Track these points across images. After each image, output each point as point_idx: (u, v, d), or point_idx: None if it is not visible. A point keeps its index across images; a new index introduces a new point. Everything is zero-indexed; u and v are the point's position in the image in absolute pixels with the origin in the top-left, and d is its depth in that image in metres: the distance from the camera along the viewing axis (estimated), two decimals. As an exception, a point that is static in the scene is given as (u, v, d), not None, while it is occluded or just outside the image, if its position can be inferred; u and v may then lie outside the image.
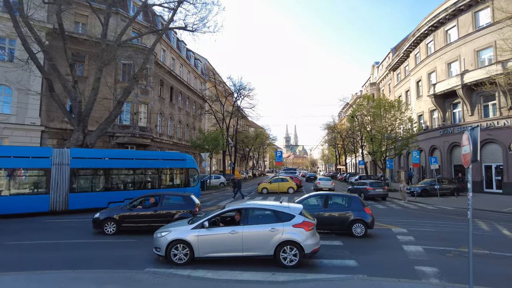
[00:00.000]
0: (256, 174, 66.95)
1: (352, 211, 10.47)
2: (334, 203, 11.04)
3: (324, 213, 10.63)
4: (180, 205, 11.11)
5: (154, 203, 11.07)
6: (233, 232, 7.22)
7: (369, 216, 10.40)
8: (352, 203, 10.70)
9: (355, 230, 10.30)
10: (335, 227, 10.66)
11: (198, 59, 49.08)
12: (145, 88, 29.60)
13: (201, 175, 33.97)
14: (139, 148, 30.18)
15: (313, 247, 7.17)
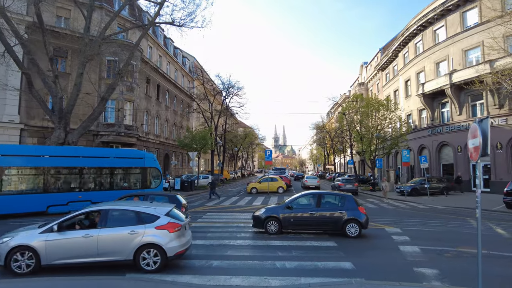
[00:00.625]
0: (245, 174, 66.46)
1: (346, 211, 10.09)
2: (327, 202, 10.64)
3: (317, 212, 10.23)
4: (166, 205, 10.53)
5: None
6: (87, 235, 6.53)
7: (363, 216, 10.04)
8: (346, 202, 10.32)
9: (349, 230, 9.92)
10: (328, 227, 10.28)
11: (186, 57, 48.28)
12: (130, 85, 28.74)
13: (189, 175, 33.32)
14: (125, 147, 29.30)
15: (178, 249, 6.74)
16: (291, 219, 10.29)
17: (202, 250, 8.47)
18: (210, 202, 19.86)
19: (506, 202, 16.24)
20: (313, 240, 9.62)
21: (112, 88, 19.84)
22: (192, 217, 13.48)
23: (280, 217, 10.31)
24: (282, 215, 10.33)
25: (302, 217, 10.29)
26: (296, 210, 10.40)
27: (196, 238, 9.91)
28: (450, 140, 27.17)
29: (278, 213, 10.38)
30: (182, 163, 43.94)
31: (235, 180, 48.77)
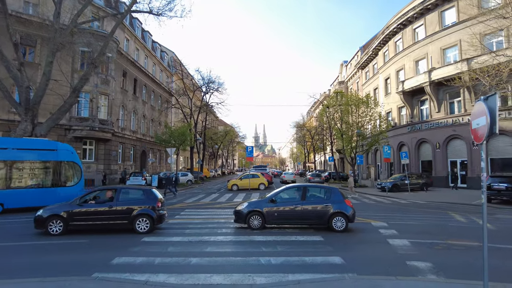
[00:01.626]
0: (226, 172, 65.62)
1: (332, 204, 9.68)
2: (312, 195, 10.20)
3: (302, 206, 9.76)
4: (140, 200, 9.76)
5: (110, 198, 9.68)
6: None
7: (350, 209, 9.67)
8: (332, 195, 9.92)
9: (335, 224, 9.51)
10: (313, 221, 9.84)
11: (165, 52, 46.92)
12: (105, 78, 27.43)
13: (167, 172, 32.23)
14: (99, 142, 28.00)
15: None
16: (275, 213, 9.79)
17: (179, 247, 7.80)
18: (188, 200, 19.06)
19: (484, 196, 16.39)
20: (298, 234, 9.14)
21: (85, 78, 18.66)
22: (169, 214, 12.73)
23: (263, 211, 9.79)
24: (265, 209, 9.81)
25: (286, 211, 9.82)
26: (280, 204, 9.92)
27: (173, 234, 9.26)
28: (429, 137, 27.54)
29: (261, 207, 9.86)
30: (160, 161, 42.67)
31: (215, 178, 47.90)
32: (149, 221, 9.47)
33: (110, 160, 29.21)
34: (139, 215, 9.44)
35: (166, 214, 10.22)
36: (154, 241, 8.46)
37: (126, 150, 32.81)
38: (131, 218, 9.42)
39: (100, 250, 7.60)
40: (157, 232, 9.64)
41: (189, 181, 31.53)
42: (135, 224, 9.42)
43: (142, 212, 9.47)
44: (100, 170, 27.93)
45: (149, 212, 9.50)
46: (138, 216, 9.44)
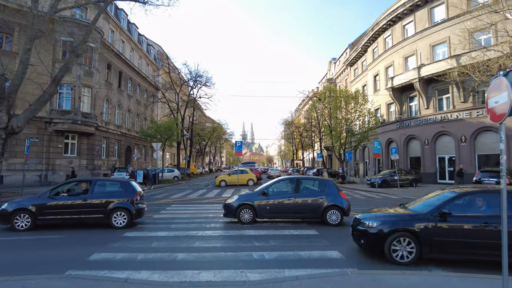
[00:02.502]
0: (213, 170, 64.86)
1: (326, 196, 9.30)
2: (305, 187, 9.82)
3: (295, 199, 9.32)
4: (117, 193, 9.09)
5: (85, 191, 9.00)
6: None
7: (345, 202, 9.29)
8: (326, 188, 9.54)
9: (330, 218, 9.11)
10: (307, 215, 9.43)
11: (151, 45, 45.79)
12: (89, 70, 26.36)
13: (153, 168, 31.37)
14: (82, 137, 26.94)
15: None
16: (267, 207, 9.33)
17: (164, 242, 7.24)
18: (175, 195, 18.40)
19: (475, 191, 16.35)
20: (292, 228, 8.69)
21: (66, 67, 17.68)
22: (154, 209, 12.14)
23: (254, 204, 9.32)
24: (257, 202, 9.34)
25: (278, 204, 9.37)
26: (272, 197, 9.46)
27: (157, 229, 8.67)
28: (417, 134, 27.58)
29: (252, 200, 9.39)
30: (146, 157, 41.64)
31: (202, 175, 47.16)
32: (127, 215, 8.85)
33: (94, 155, 28.19)
34: (116, 208, 8.81)
35: (145, 208, 9.64)
36: (136, 236, 7.87)
37: (110, 145, 31.77)
38: (107, 212, 8.77)
39: (77, 246, 6.97)
40: (140, 227, 9.03)
41: (175, 178, 30.76)
42: (111, 219, 8.78)
43: (119, 206, 8.84)
44: (83, 165, 26.91)
45: (126, 205, 8.88)
46: (114, 210, 8.80)
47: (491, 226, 5.34)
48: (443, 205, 5.76)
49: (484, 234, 5.38)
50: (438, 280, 4.62)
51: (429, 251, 5.53)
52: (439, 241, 5.51)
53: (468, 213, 5.73)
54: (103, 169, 29.29)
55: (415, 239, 5.56)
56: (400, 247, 5.60)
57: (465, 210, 5.77)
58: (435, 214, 5.67)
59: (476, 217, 5.61)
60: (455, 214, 5.63)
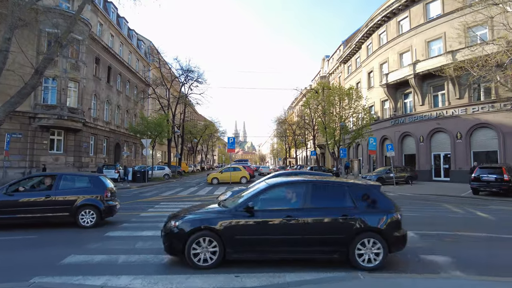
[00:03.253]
0: (205, 168, 64.01)
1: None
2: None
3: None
4: (85, 189, 8.28)
5: (49, 186, 8.17)
6: None
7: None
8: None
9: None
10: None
11: (142, 40, 44.73)
12: (75, 63, 25.34)
13: (143, 165, 30.52)
14: (68, 133, 25.93)
15: None
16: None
17: (150, 243, 6.58)
18: (165, 193, 17.66)
19: (473, 188, 16.03)
20: None
21: (50, 58, 16.74)
22: (142, 207, 11.48)
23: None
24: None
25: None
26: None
27: (144, 228, 7.97)
28: (412, 131, 27.27)
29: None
30: (136, 154, 40.63)
31: (194, 173, 46.33)
32: (96, 214, 8.06)
33: (81, 152, 27.19)
34: (83, 206, 8.01)
35: (118, 206, 8.82)
36: (120, 236, 7.17)
37: (99, 142, 30.78)
38: (74, 210, 7.95)
39: (50, 248, 6.25)
40: (125, 226, 8.32)
41: (166, 175, 29.94)
42: (78, 217, 7.97)
43: (87, 203, 8.03)
44: (69, 163, 25.92)
45: (95, 202, 8.08)
46: (81, 208, 8.00)
47: (294, 220, 4.91)
48: (249, 199, 5.15)
49: (287, 229, 4.92)
50: (460, 283, 4.05)
51: (232, 251, 4.87)
52: (242, 240, 4.91)
53: (273, 207, 5.21)
54: (91, 167, 28.31)
55: (218, 238, 4.87)
56: (202, 249, 4.82)
57: (270, 204, 5.24)
58: (241, 209, 5.01)
59: (280, 211, 5.08)
60: (261, 209, 5.05)
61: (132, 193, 17.45)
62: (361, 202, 5.21)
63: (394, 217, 5.10)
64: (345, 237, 4.85)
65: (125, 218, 9.40)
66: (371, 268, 4.76)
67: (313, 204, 5.13)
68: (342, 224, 4.91)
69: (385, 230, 4.94)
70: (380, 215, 5.08)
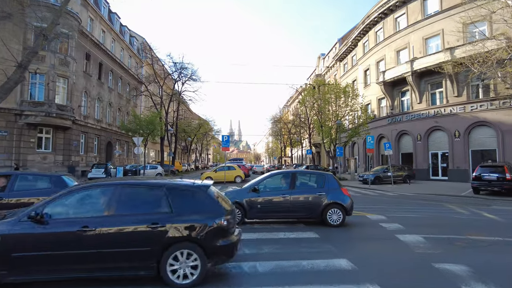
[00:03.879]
0: (199, 167, 63.18)
1: (326, 193, 8.16)
2: (302, 183, 8.69)
3: (290, 196, 8.18)
4: (45, 190, 7.26)
5: (2, 188, 7.24)
6: None
7: (348, 199, 8.19)
8: (326, 183, 8.40)
9: (331, 218, 7.97)
10: (304, 214, 8.30)
11: (134, 37, 43.81)
12: (64, 59, 24.49)
13: (135, 165, 29.78)
14: (58, 131, 25.11)
15: None
16: (258, 205, 8.15)
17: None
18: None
19: (474, 187, 15.62)
20: (287, 230, 7.49)
21: (34, 52, 15.87)
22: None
23: (243, 202, 8.12)
24: (246, 200, 8.15)
25: (272, 202, 8.24)
26: (264, 194, 8.32)
27: None
28: (409, 129, 26.87)
29: (241, 198, 8.18)
30: (128, 153, 39.76)
31: (188, 172, 45.50)
32: None
33: (71, 151, 26.37)
34: None
35: None
36: None
37: (89, 141, 29.94)
38: None
39: None
40: None
41: (158, 175, 29.16)
42: None
43: None
44: (58, 161, 25.10)
45: None
46: None
47: (91, 231, 4.01)
48: (40, 207, 4.19)
49: (83, 242, 3.99)
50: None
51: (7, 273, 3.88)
52: (24, 257, 3.95)
53: (69, 216, 4.27)
54: (82, 166, 27.50)
55: None
56: None
57: (66, 212, 4.30)
58: (25, 218, 4.05)
59: (74, 221, 4.14)
60: (54, 218, 4.12)
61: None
62: (180, 206, 4.34)
63: (218, 223, 4.30)
64: (153, 250, 4.06)
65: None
66: (187, 285, 4.07)
67: (120, 211, 4.23)
68: (151, 234, 4.08)
69: (204, 239, 4.18)
70: (200, 221, 4.26)
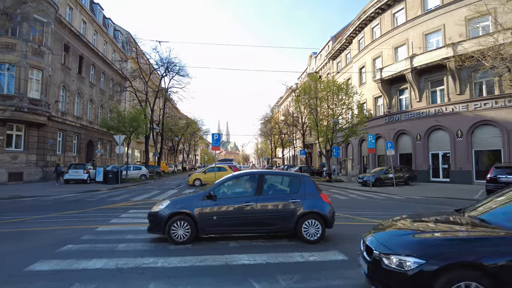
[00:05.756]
0: (187, 168, 61.07)
1: (302, 200, 6.49)
2: (272, 186, 6.96)
3: (256, 204, 6.38)
4: None
5: None
6: None
7: (328, 207, 6.56)
8: (301, 187, 6.67)
9: (307, 231, 6.34)
10: (273, 227, 6.47)
11: (119, 31, 41.60)
12: (38, 49, 22.33)
13: (117, 165, 27.68)
14: (31, 128, 22.90)
15: None
16: (214, 216, 6.29)
17: (94, 285, 4.18)
18: (138, 197, 15.12)
19: (488, 189, 14.34)
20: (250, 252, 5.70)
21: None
22: (103, 217, 9.04)
23: (195, 213, 6.26)
24: (198, 210, 6.28)
25: (232, 212, 6.35)
26: (222, 201, 6.43)
27: (93, 255, 5.43)
28: (409, 129, 25.69)
29: (191, 208, 6.31)
30: (111, 153, 37.49)
31: (175, 174, 43.48)
32: None
33: (46, 150, 24.16)
34: None
35: None
36: (50, 271, 4.68)
37: (68, 139, 27.70)
38: None
39: None
40: (66, 250, 5.81)
41: (142, 176, 27.16)
42: None
43: None
44: (32, 162, 22.87)
45: None
46: None
47: None
48: None
49: None
50: None
51: None
52: None
53: None
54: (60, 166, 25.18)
55: None
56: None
57: None
58: None
59: None
60: None
61: (99, 197, 14.83)
62: None
63: None
64: None
65: (74, 234, 6.95)
66: None
67: None
68: None
69: None
70: None
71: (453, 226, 3.77)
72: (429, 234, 3.49)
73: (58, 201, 13.45)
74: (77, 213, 10.20)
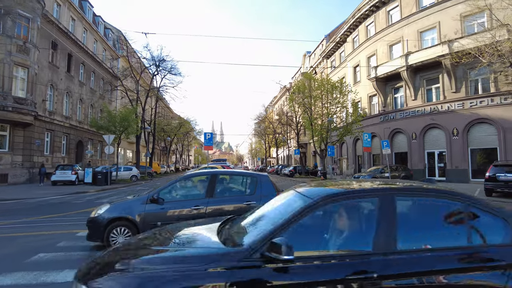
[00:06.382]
0: (180, 169, 60.30)
1: (258, 202, 5.65)
2: (226, 188, 6.39)
3: (207, 207, 5.76)
4: None
5: None
6: None
7: None
8: (258, 187, 6.09)
9: None
10: None
11: (110, 29, 40.83)
12: (24, 46, 21.58)
13: (106, 166, 26.95)
14: (16, 128, 22.13)
15: None
16: (158, 222, 5.51)
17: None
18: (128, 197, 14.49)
19: (487, 188, 14.04)
20: None
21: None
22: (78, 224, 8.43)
23: (136, 219, 5.61)
24: (140, 216, 5.63)
25: (179, 217, 5.63)
26: (169, 205, 5.75)
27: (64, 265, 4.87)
28: (404, 127, 25.42)
29: (133, 212, 5.67)
30: (102, 154, 36.66)
31: (167, 174, 42.79)
32: None
33: (32, 151, 23.38)
34: None
35: None
36: (10, 287, 4.13)
37: (56, 139, 26.90)
38: None
39: None
40: (36, 260, 5.16)
41: (133, 177, 26.49)
42: None
43: None
44: (17, 163, 22.09)
45: None
46: None
47: None
48: None
49: None
50: None
51: None
52: None
53: None
54: (47, 167, 24.40)
55: None
56: None
57: None
58: None
59: None
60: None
61: (86, 199, 14.22)
62: None
63: None
64: None
65: (50, 241, 6.38)
66: None
67: None
68: None
69: None
70: None
71: None
72: None
73: (42, 203, 12.81)
74: (59, 216, 9.63)
